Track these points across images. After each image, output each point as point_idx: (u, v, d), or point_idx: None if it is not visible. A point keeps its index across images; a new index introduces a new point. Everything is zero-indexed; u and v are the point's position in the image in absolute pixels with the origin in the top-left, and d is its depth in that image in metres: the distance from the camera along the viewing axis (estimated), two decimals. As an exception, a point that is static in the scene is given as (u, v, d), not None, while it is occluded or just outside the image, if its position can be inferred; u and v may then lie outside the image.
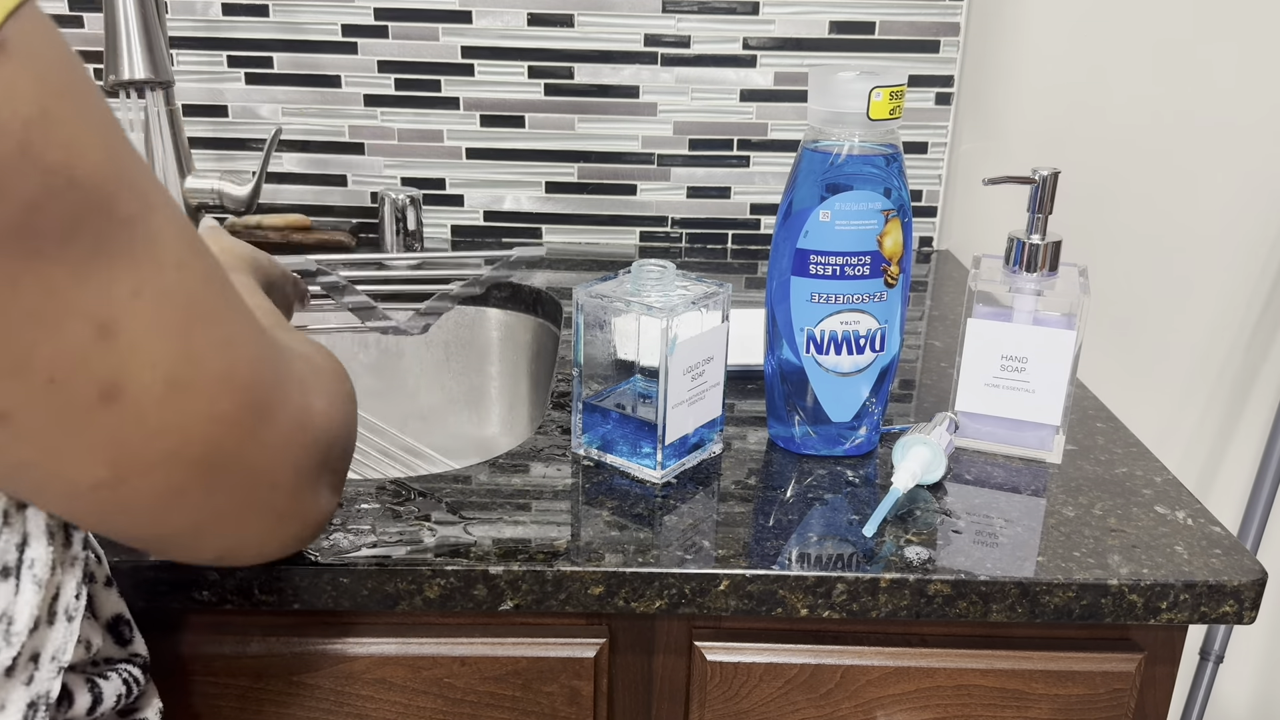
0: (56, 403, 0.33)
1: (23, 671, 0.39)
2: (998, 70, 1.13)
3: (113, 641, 0.48)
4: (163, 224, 0.35)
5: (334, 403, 0.46)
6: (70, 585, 0.40)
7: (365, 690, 0.61)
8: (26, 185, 0.30)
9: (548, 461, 0.69)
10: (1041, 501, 0.66)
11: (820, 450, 0.71)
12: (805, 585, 0.58)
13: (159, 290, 0.35)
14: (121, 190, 0.33)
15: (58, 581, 0.40)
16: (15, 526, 0.37)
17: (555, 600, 0.58)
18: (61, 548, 0.39)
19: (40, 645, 0.39)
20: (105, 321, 0.33)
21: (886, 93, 0.63)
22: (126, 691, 0.46)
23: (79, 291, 0.32)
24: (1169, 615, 0.59)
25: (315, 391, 0.44)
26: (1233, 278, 1.21)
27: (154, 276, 0.34)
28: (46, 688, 0.39)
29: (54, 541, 0.39)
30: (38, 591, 0.38)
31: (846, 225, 0.65)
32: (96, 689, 0.44)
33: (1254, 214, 1.19)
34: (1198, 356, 1.24)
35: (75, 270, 0.32)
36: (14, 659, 0.37)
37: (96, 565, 0.47)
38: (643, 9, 1.08)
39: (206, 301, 0.37)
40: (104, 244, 0.33)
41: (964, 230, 1.19)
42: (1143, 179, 1.17)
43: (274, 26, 1.08)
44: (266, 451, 0.40)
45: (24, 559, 0.37)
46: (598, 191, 1.14)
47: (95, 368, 0.33)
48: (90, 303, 0.33)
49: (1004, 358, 0.70)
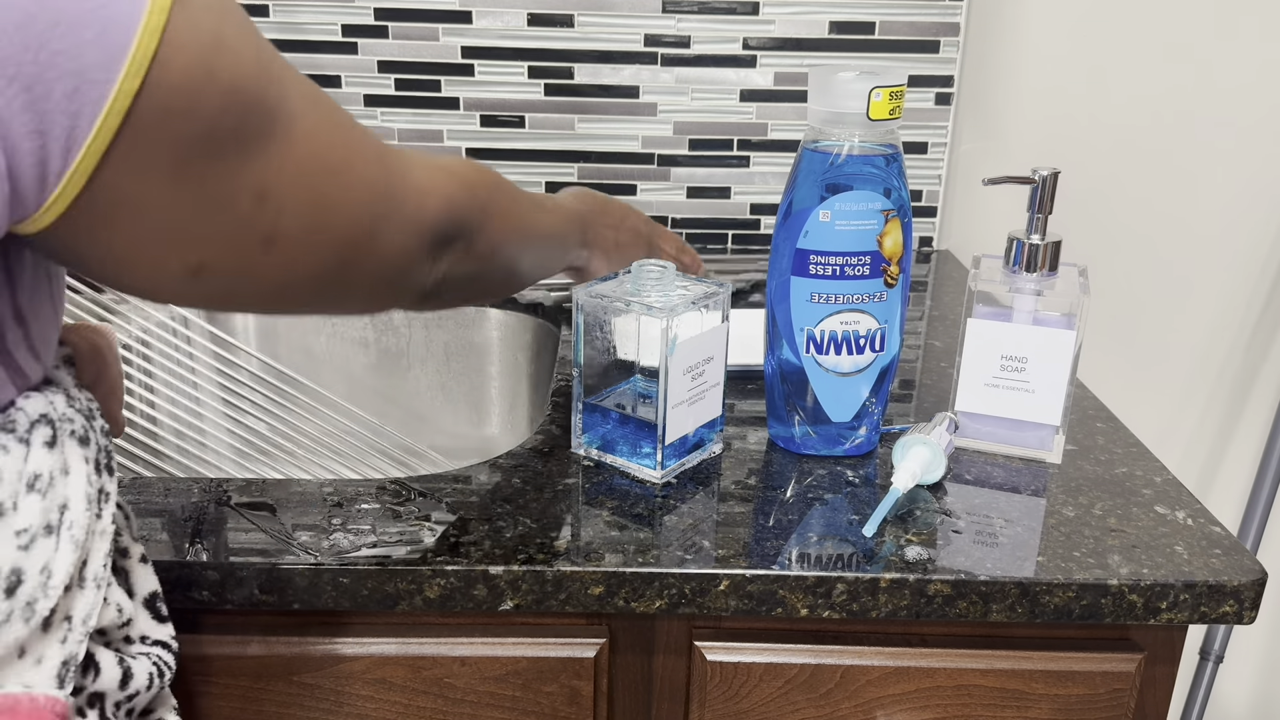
0: (235, 254, 0.43)
1: (58, 629, 0.42)
2: (998, 70, 1.14)
3: (150, 616, 0.49)
4: (295, 102, 0.43)
5: (451, 202, 0.54)
6: (99, 554, 0.43)
7: (365, 690, 0.61)
8: (211, 103, 0.38)
9: (548, 461, 0.69)
10: (1041, 501, 0.66)
11: (820, 450, 0.71)
12: (805, 585, 0.58)
13: (298, 158, 0.43)
14: (268, 85, 0.41)
15: (89, 548, 0.43)
16: (59, 490, 0.41)
17: (555, 600, 0.58)
18: (94, 518, 0.43)
19: (71, 607, 0.42)
20: (261, 191, 0.42)
21: (886, 93, 0.63)
22: (158, 673, 0.48)
23: (244, 174, 0.41)
24: (1169, 615, 0.59)
25: (431, 191, 0.53)
26: (1233, 278, 1.21)
27: (292, 149, 0.43)
28: (75, 650, 0.42)
29: (89, 509, 0.42)
30: (74, 550, 0.41)
31: (846, 225, 0.65)
32: (126, 664, 0.46)
33: (1254, 214, 1.19)
34: (1198, 356, 1.24)
35: (242, 159, 0.41)
36: (51, 611, 0.41)
37: (132, 542, 0.49)
38: (643, 9, 1.08)
39: (332, 155, 0.46)
40: (260, 132, 0.41)
41: (964, 230, 1.19)
42: (1143, 179, 1.17)
43: (274, 27, 1.08)
44: (382, 255, 0.50)
45: (64, 520, 0.41)
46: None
47: (258, 226, 0.43)
48: (252, 180, 0.41)
49: (1004, 358, 0.70)
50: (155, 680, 0.48)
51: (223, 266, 0.43)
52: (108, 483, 0.44)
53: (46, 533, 0.41)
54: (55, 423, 0.42)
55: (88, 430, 0.44)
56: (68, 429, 0.42)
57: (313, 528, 0.60)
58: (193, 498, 0.64)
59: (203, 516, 0.62)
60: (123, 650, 0.47)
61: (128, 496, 0.63)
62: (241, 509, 0.62)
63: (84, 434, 0.43)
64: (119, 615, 0.47)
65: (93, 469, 0.43)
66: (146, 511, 0.62)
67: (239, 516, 0.62)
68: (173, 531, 0.60)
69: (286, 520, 0.61)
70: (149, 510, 0.62)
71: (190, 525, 0.61)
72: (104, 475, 0.44)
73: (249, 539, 0.59)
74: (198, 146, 0.39)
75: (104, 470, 0.44)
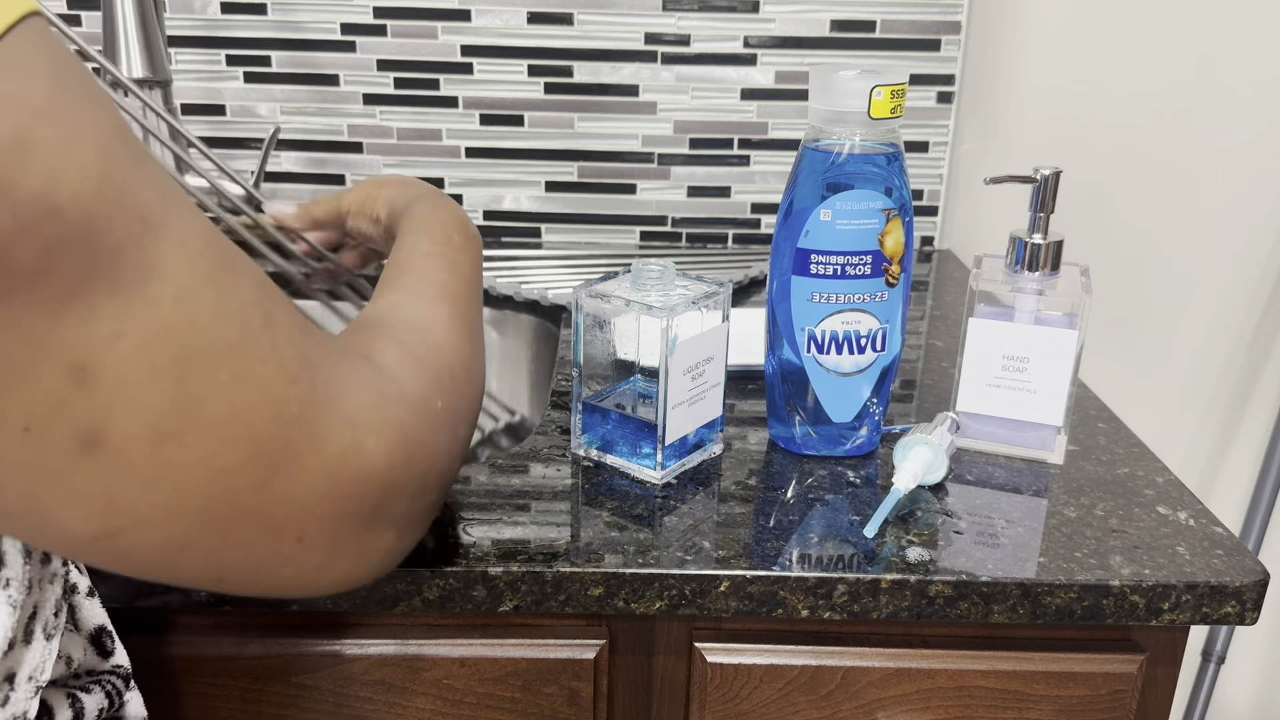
0: (34, 452, 0.30)
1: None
2: (999, 69, 1.13)
3: (95, 653, 0.47)
4: (166, 249, 0.31)
5: (404, 438, 0.39)
6: (49, 603, 0.39)
7: (364, 691, 0.61)
8: (2, 221, 0.27)
9: (548, 462, 0.69)
10: (1043, 502, 0.66)
11: (821, 450, 0.71)
12: (806, 586, 0.58)
13: (149, 328, 0.31)
14: (115, 214, 0.29)
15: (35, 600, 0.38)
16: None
17: (555, 601, 0.58)
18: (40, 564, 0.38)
19: (16, 665, 0.37)
20: (83, 364, 0.30)
21: (887, 91, 0.63)
22: (109, 704, 0.45)
23: (53, 333, 0.29)
24: (1171, 616, 0.58)
25: (374, 428, 0.38)
26: (1235, 277, 1.21)
27: (144, 313, 0.30)
28: (24, 708, 0.38)
29: (31, 559, 0.37)
30: (12, 613, 0.36)
31: (847, 225, 0.65)
32: (78, 704, 0.43)
33: (1256, 213, 1.18)
34: (1200, 356, 1.24)
35: (49, 309, 0.29)
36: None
37: (79, 576, 0.46)
38: (643, 7, 1.07)
39: (212, 336, 0.32)
40: (86, 278, 0.29)
41: (965, 230, 1.19)
42: (1145, 178, 1.17)
43: (272, 25, 1.08)
44: (284, 505, 0.35)
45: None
46: (598, 191, 1.14)
47: (72, 415, 0.30)
48: (66, 345, 0.29)
49: (1005, 358, 0.70)
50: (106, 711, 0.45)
51: (12, 470, 0.30)
52: None
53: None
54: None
55: None
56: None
57: (311, 528, 0.60)
58: (191, 498, 0.63)
59: (200, 517, 0.61)
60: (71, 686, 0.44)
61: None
62: (239, 509, 0.62)
63: None
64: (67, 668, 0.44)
65: None
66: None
67: (237, 517, 0.61)
68: (170, 532, 0.60)
69: (285, 521, 0.61)
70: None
71: (188, 526, 0.60)
72: None
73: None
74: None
75: None
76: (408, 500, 0.41)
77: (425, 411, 0.41)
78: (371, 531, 0.39)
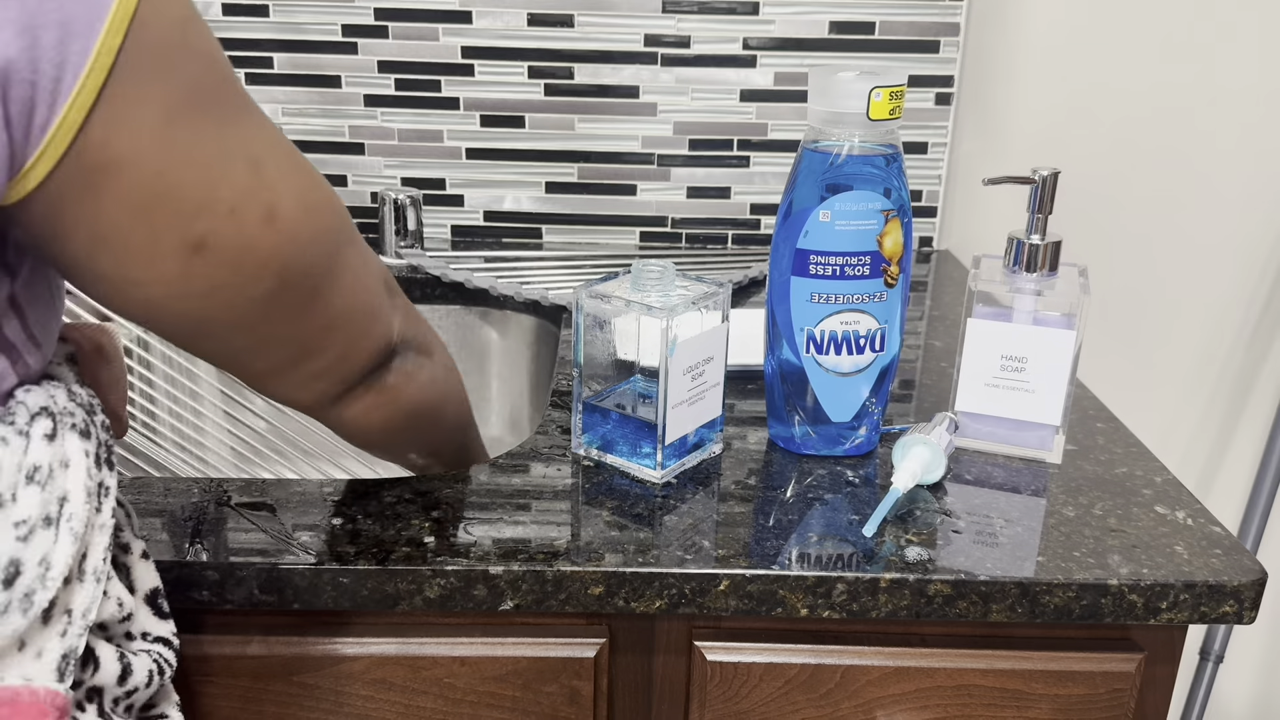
0: (237, 226, 0.43)
1: (58, 622, 0.42)
2: (998, 70, 1.13)
3: (151, 613, 0.49)
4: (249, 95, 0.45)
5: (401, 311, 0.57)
6: (99, 548, 0.43)
7: (365, 690, 0.61)
8: (191, 64, 0.40)
9: (548, 461, 0.69)
10: (1041, 501, 0.66)
11: (820, 450, 0.71)
12: (805, 585, 0.58)
13: (274, 136, 0.45)
14: (231, 69, 0.43)
15: (88, 541, 0.43)
16: (58, 482, 0.41)
17: (555, 600, 0.58)
18: (94, 511, 0.43)
19: (70, 600, 0.42)
20: (255, 158, 0.43)
21: (886, 93, 0.63)
22: (158, 670, 0.48)
23: (235, 137, 0.42)
24: (1169, 615, 0.59)
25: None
26: (1233, 277, 1.21)
27: (267, 126, 0.45)
28: (75, 643, 0.42)
29: (89, 502, 0.42)
30: (73, 543, 0.41)
31: (846, 225, 0.65)
32: (126, 660, 0.46)
33: (1255, 213, 1.19)
34: (1198, 356, 1.24)
35: (230, 121, 0.42)
36: (51, 603, 0.41)
37: (134, 539, 0.49)
38: (643, 9, 1.08)
39: (293, 148, 0.47)
40: (241, 103, 0.43)
41: (964, 230, 1.19)
42: (1143, 179, 1.17)
43: (274, 27, 1.08)
44: (362, 262, 0.51)
45: (63, 512, 0.41)
46: (598, 191, 1.14)
47: (259, 196, 0.43)
48: (244, 144, 0.42)
49: (1004, 358, 0.70)
50: (155, 677, 0.48)
51: (225, 242, 0.42)
52: (108, 477, 0.44)
53: (45, 524, 0.41)
54: (56, 416, 0.42)
55: (88, 424, 0.44)
56: (68, 422, 0.42)
57: (313, 528, 0.60)
58: (193, 498, 0.64)
59: (203, 516, 0.62)
60: (123, 646, 0.47)
61: (129, 495, 0.63)
62: (241, 509, 0.62)
63: (84, 428, 0.43)
64: (119, 609, 0.47)
65: (93, 463, 0.43)
66: (147, 511, 0.62)
67: (239, 516, 0.62)
68: (173, 531, 0.60)
69: (286, 520, 0.61)
70: (149, 510, 0.62)
71: (190, 525, 0.61)
72: (104, 470, 0.44)
73: (249, 539, 0.59)
74: (184, 105, 0.40)
75: (104, 465, 0.44)
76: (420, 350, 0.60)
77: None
78: (391, 293, 0.57)
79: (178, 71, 0.39)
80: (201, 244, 0.42)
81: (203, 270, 0.42)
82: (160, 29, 0.38)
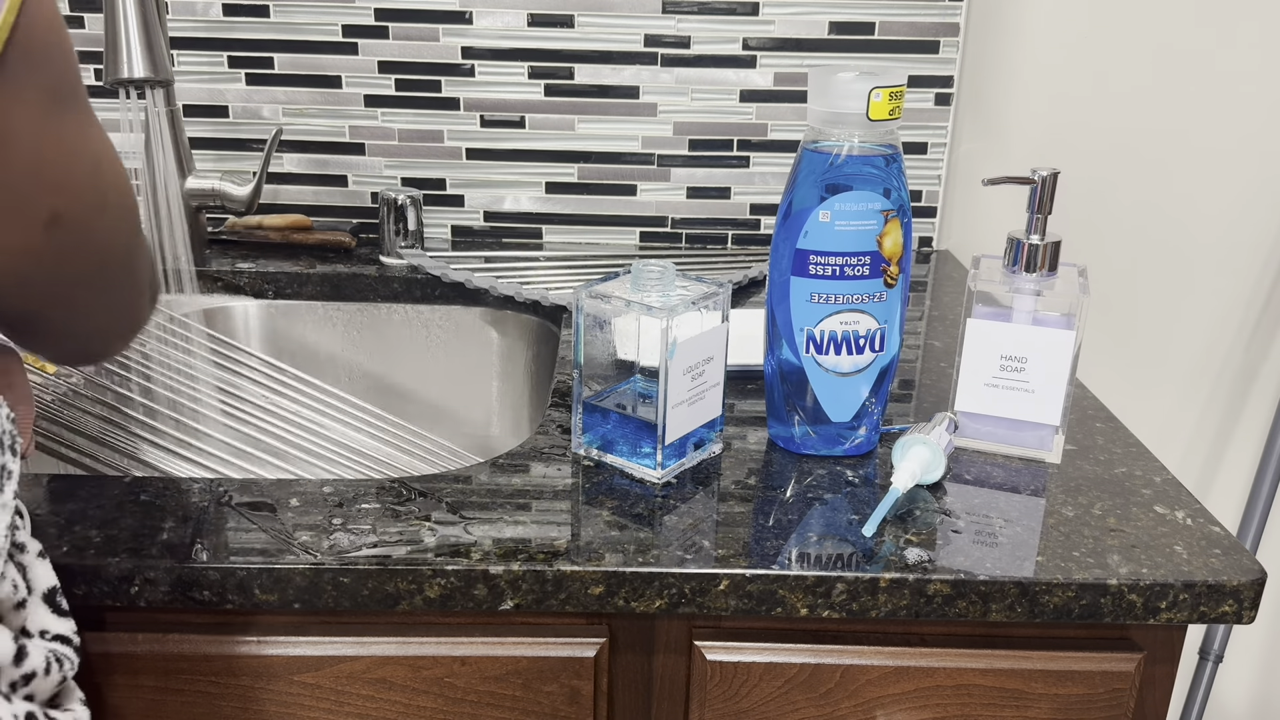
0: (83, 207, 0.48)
1: None
2: (997, 70, 1.14)
3: (49, 611, 0.50)
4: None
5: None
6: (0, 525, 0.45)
7: (366, 690, 0.61)
8: (62, 60, 0.45)
9: (548, 461, 0.69)
10: (1041, 501, 0.66)
11: (820, 450, 0.71)
12: (805, 585, 0.58)
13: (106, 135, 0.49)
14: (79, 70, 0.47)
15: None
16: None
17: (555, 600, 0.58)
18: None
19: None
20: (97, 154, 0.48)
21: (886, 93, 0.63)
22: (57, 663, 0.48)
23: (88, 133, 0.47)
24: (1168, 615, 0.59)
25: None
26: (1232, 277, 1.21)
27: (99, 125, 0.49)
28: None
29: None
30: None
31: (846, 225, 0.65)
32: (20, 643, 0.46)
33: (1254, 213, 1.19)
34: (1197, 356, 1.24)
35: (84, 116, 0.47)
36: None
37: (29, 539, 0.50)
38: (643, 9, 1.08)
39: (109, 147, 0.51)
40: (87, 102, 0.48)
41: (963, 230, 1.20)
42: (1143, 179, 1.17)
43: (274, 27, 1.08)
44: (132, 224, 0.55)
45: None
46: (598, 192, 1.14)
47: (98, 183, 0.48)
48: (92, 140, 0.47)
49: (1003, 358, 0.70)
50: (54, 669, 0.48)
51: (73, 219, 0.47)
52: (10, 462, 0.46)
53: None
54: None
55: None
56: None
57: (313, 528, 0.60)
58: (193, 498, 0.64)
59: (203, 516, 0.62)
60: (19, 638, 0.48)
61: (132, 494, 0.63)
62: (241, 509, 0.62)
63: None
64: (14, 592, 0.47)
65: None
66: (147, 511, 0.62)
67: (239, 516, 0.62)
68: (173, 531, 0.60)
69: (286, 520, 0.61)
70: (149, 510, 0.62)
71: (190, 525, 0.61)
72: (5, 454, 0.46)
73: (249, 539, 0.59)
74: (56, 95, 0.45)
75: (6, 449, 0.46)
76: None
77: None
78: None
79: (54, 64, 0.44)
80: (56, 218, 0.46)
81: (56, 242, 0.47)
82: (42, 22, 0.43)
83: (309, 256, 1.09)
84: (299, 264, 1.07)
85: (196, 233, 1.04)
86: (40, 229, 0.46)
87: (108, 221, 0.50)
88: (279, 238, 1.11)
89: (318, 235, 1.10)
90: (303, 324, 1.06)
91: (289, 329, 1.06)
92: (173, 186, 0.99)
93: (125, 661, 0.60)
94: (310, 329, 1.06)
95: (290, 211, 1.15)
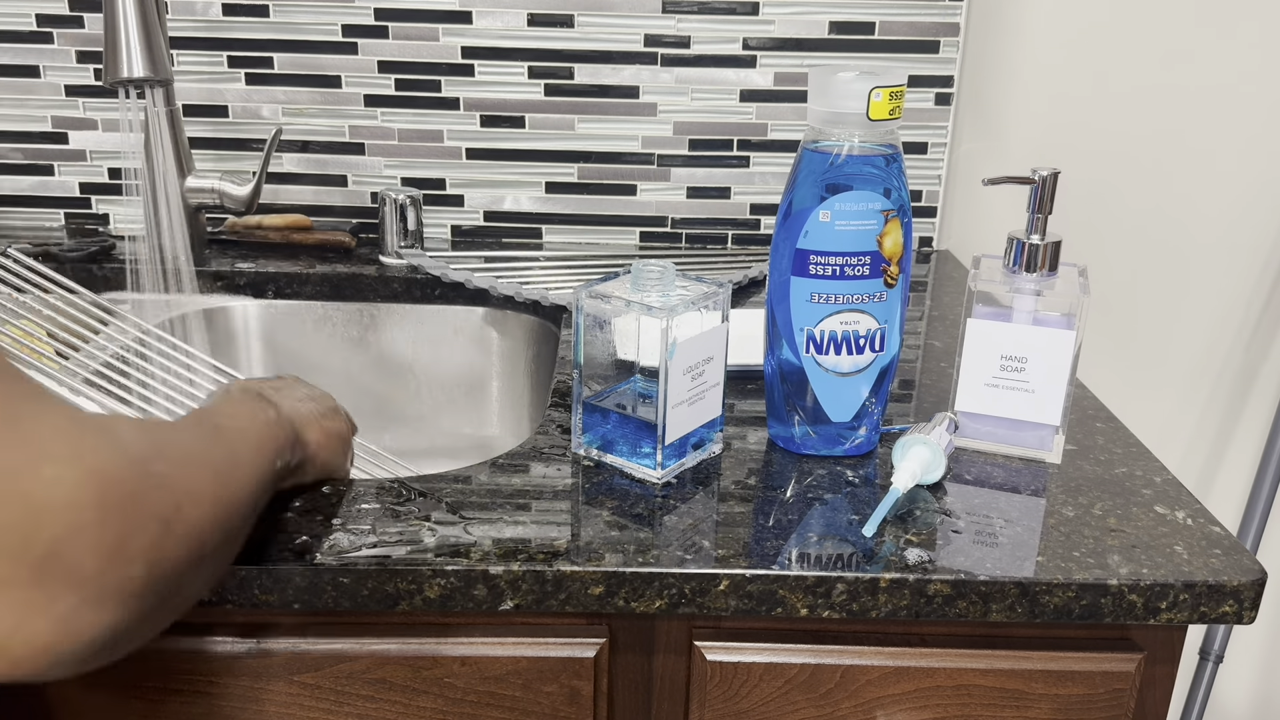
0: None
1: None
2: (998, 70, 1.14)
3: None
4: None
5: (100, 477, 0.36)
6: None
7: (365, 690, 0.61)
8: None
9: (548, 461, 0.69)
10: (1041, 501, 0.66)
11: (820, 450, 0.71)
12: (805, 585, 0.58)
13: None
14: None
15: None
16: None
17: (555, 600, 0.58)
18: None
19: None
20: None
21: (886, 93, 0.63)
22: None
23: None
24: (1169, 615, 0.59)
25: (58, 456, 0.36)
26: (1233, 277, 1.21)
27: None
28: None
29: None
30: None
31: (846, 225, 0.65)
32: None
33: (1255, 213, 1.19)
34: (1198, 356, 1.24)
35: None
36: None
37: None
38: (643, 9, 1.08)
39: None
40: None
41: (964, 230, 1.20)
42: (1143, 179, 1.17)
43: (274, 27, 1.08)
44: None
45: None
46: (598, 191, 1.14)
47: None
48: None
49: (1004, 358, 0.70)
50: None
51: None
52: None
53: None
54: None
55: None
56: None
57: (312, 528, 0.60)
58: (193, 498, 0.64)
59: (203, 516, 0.62)
60: None
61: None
62: (242, 509, 0.62)
63: None
64: None
65: None
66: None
67: (239, 516, 0.62)
68: (173, 531, 0.60)
69: (286, 520, 0.61)
70: (149, 510, 0.62)
71: (190, 525, 0.61)
72: None
73: (249, 539, 0.59)
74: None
75: None
76: (99, 558, 0.36)
77: (137, 461, 0.38)
78: (43, 583, 0.35)
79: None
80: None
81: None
82: None
83: (309, 256, 1.09)
84: (299, 264, 1.06)
85: (196, 232, 1.04)
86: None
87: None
88: (279, 238, 1.11)
89: (318, 235, 1.10)
90: (302, 324, 1.06)
91: (289, 329, 1.06)
92: (172, 186, 0.99)
93: (125, 661, 0.60)
94: (310, 329, 1.06)
95: (290, 211, 1.15)
